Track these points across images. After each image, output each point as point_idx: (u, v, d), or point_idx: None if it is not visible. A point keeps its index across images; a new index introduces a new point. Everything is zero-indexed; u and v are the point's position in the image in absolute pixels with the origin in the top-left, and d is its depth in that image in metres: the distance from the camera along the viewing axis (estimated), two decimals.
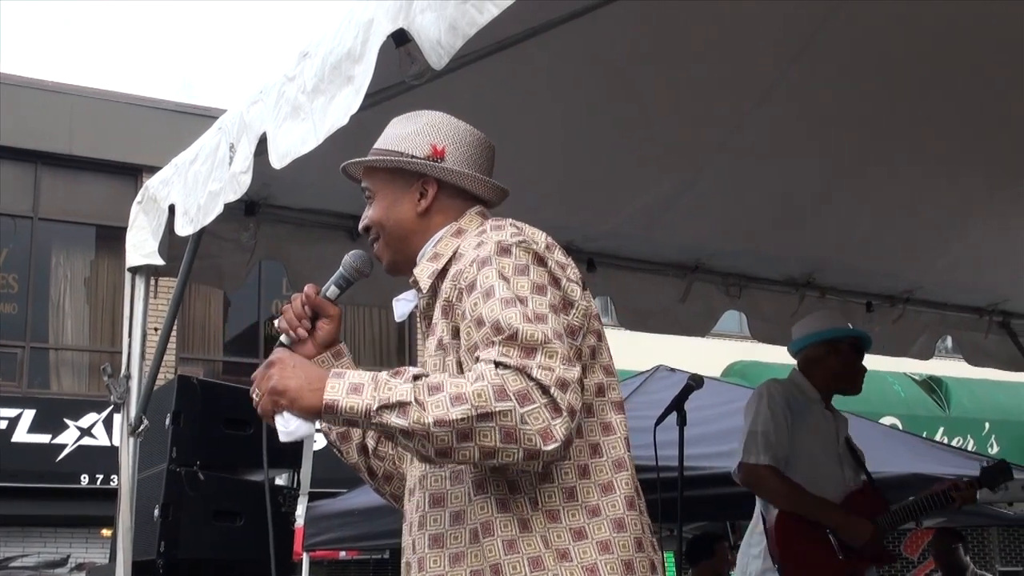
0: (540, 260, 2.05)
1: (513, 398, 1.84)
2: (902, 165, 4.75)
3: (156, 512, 4.28)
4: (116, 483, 3.91)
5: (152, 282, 4.01)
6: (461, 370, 2.01)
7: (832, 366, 4.46)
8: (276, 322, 2.32)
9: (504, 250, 2.03)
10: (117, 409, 3.92)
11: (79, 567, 12.98)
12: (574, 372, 1.91)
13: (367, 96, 2.63)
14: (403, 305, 2.28)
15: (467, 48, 2.41)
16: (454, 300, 2.06)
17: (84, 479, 14.29)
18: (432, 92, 3.08)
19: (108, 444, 13.88)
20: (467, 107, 3.74)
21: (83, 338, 15.82)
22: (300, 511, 7.16)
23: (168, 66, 41.61)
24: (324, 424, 2.23)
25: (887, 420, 15.16)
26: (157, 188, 3.87)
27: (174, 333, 14.74)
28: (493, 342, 1.91)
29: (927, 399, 17.05)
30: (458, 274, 2.06)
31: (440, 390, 1.87)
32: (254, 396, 2.02)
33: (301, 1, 43.35)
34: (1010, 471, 4.64)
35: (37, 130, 14.83)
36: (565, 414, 1.87)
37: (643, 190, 4.66)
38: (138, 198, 3.99)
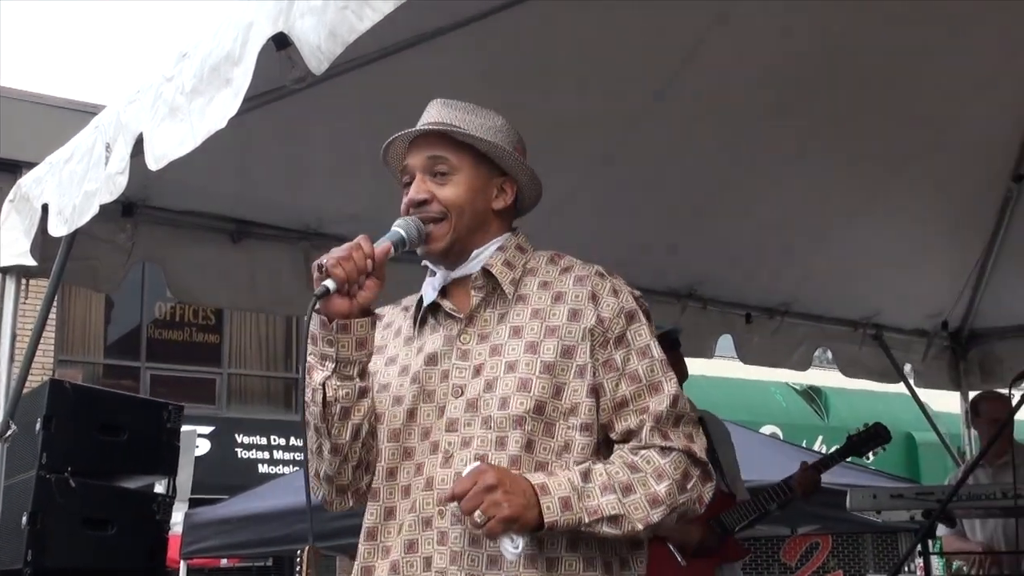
0: (649, 317, 2.23)
1: (688, 485, 2.10)
2: (780, 179, 4.87)
3: (24, 520, 4.15)
4: None
5: (24, 283, 3.90)
6: (596, 396, 2.12)
7: None
8: (324, 261, 2.04)
9: (638, 300, 2.21)
10: None
11: None
12: (703, 434, 2.19)
13: (247, 99, 2.59)
14: (431, 292, 2.26)
15: (352, 52, 2.39)
16: (596, 346, 2.12)
17: None
18: (316, 95, 3.08)
19: None
20: (349, 110, 3.76)
21: None
22: (177, 518, 7.05)
23: (50, 61, 40.56)
24: (313, 394, 2.13)
25: (768, 428, 15.48)
26: (30, 187, 3.76)
27: (52, 335, 14.36)
28: (650, 410, 2.10)
29: (807, 408, 17.46)
30: (601, 321, 2.13)
31: (633, 491, 2.04)
32: (476, 518, 1.93)
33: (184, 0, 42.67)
34: (887, 433, 4.87)
35: None
36: (712, 480, 2.15)
37: None
38: (10, 196, 3.88)
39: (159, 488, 5.05)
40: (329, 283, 2.03)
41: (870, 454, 5.08)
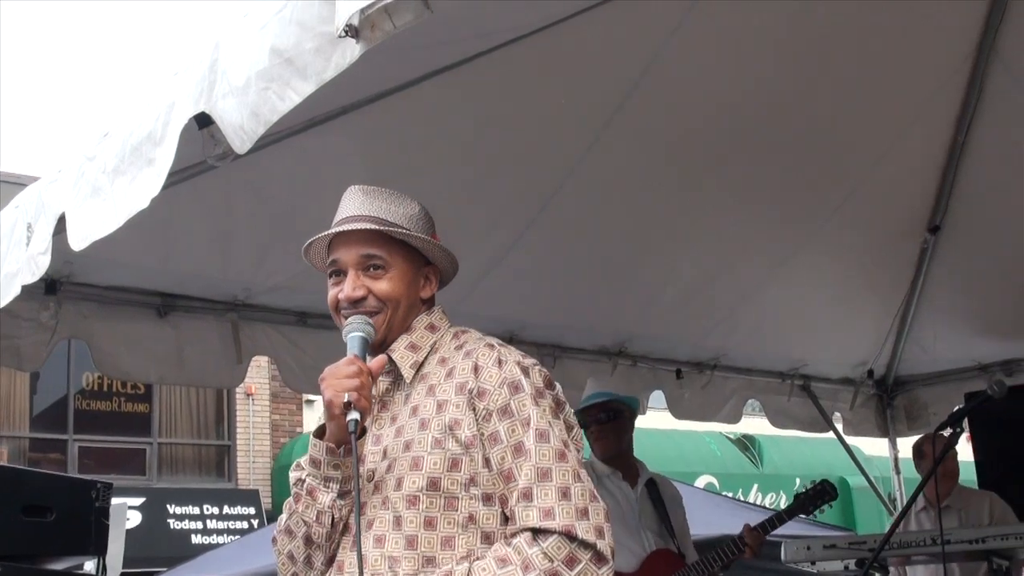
0: (550, 384, 2.16)
1: (565, 570, 1.97)
2: (704, 236, 4.96)
3: None
4: None
5: None
6: (488, 465, 2.08)
7: (592, 449, 4.52)
8: (348, 398, 2.04)
9: (525, 370, 2.14)
10: None
11: None
12: (602, 509, 2.05)
13: (170, 174, 2.59)
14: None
15: (277, 125, 2.39)
16: (480, 419, 2.08)
17: None
18: (241, 166, 3.07)
19: None
20: (274, 180, 3.77)
21: None
22: None
23: None
24: (319, 517, 2.15)
25: (704, 479, 15.57)
26: None
27: None
28: (521, 486, 2.03)
29: (742, 457, 17.58)
30: (483, 393, 2.10)
31: None
32: None
33: (111, 73, 42.36)
34: (834, 490, 4.81)
35: None
36: (609, 559, 2.02)
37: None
38: None
39: (89, 567, 4.92)
40: (356, 415, 2.05)
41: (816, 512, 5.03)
